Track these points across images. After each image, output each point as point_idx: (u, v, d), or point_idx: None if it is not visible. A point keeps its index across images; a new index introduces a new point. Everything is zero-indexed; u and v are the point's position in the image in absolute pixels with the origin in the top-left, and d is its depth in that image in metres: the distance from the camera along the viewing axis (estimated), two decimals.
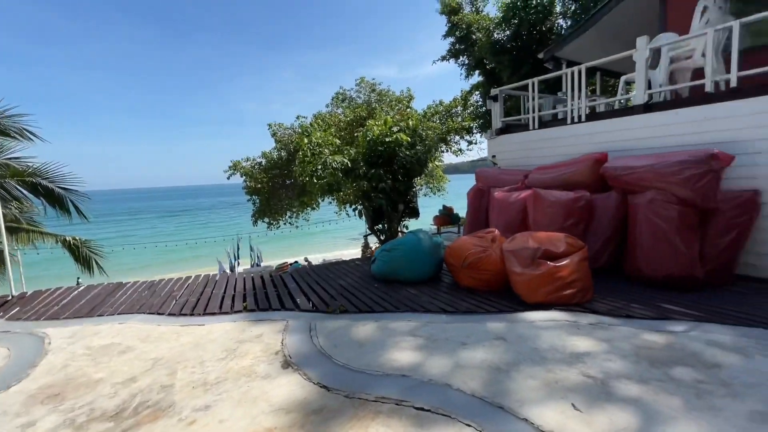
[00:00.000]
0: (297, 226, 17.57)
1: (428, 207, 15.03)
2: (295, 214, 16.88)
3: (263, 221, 16.61)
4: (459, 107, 15.33)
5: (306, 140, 8.34)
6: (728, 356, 2.73)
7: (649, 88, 5.51)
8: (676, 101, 5.09)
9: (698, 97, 4.84)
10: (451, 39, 14.73)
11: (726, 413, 2.13)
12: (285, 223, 17.10)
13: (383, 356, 2.97)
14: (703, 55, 4.97)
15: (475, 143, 15.45)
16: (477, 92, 15.17)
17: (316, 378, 2.69)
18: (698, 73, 5.32)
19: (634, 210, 4.62)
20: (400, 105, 15.52)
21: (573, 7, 12.76)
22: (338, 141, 9.10)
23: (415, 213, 8.70)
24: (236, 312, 4.19)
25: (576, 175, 5.37)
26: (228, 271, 15.04)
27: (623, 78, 6.16)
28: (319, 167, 7.84)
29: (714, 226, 4.28)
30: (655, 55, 5.51)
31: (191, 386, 2.67)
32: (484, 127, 14.27)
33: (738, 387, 2.36)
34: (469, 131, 14.96)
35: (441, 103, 15.50)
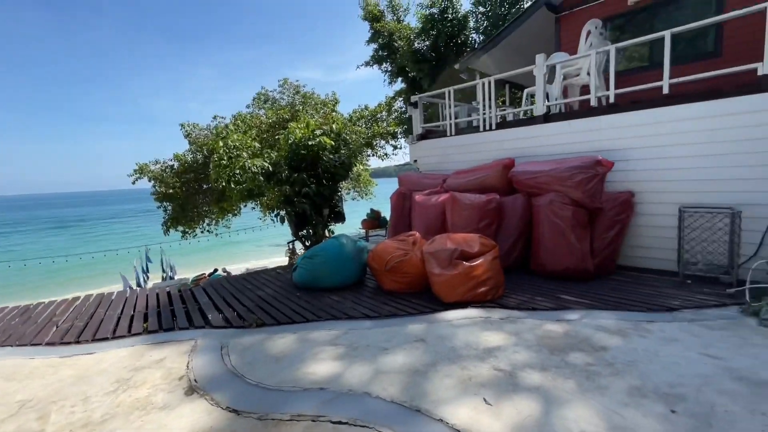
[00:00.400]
0: (217, 234, 16.37)
1: (357, 211, 15.05)
2: (214, 221, 15.70)
3: (176, 230, 15.17)
4: (384, 113, 15.64)
5: (221, 143, 7.79)
6: (612, 338, 3.08)
7: (548, 100, 6.12)
8: (568, 113, 5.72)
9: (585, 110, 5.50)
10: (374, 45, 14.99)
11: (610, 391, 2.38)
12: (202, 232, 15.82)
13: (301, 370, 2.84)
14: (588, 73, 5.66)
15: (400, 148, 15.86)
16: (400, 98, 15.61)
17: (225, 402, 2.46)
18: (585, 89, 6.05)
19: (537, 211, 5.06)
20: (326, 108, 15.33)
21: (485, 24, 13.81)
22: (258, 144, 8.65)
23: (340, 217, 8.61)
24: (135, 335, 3.71)
25: (488, 179, 5.75)
26: (135, 287, 13.44)
27: (526, 91, 6.79)
28: (237, 171, 7.37)
29: (600, 223, 4.87)
30: (552, 71, 6.14)
31: (68, 430, 2.27)
32: (408, 132, 14.72)
33: (620, 366, 2.67)
34: (394, 136, 15.33)
35: (366, 107, 15.66)
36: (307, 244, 8.33)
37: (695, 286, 4.24)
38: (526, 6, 12.14)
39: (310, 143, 7.32)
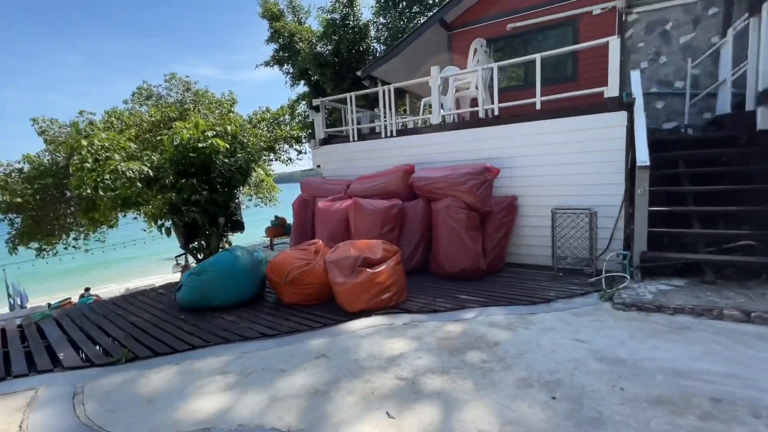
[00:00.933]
0: (87, 250, 13.81)
1: (260, 218, 14.12)
2: (82, 235, 13.21)
3: (29, 247, 12.39)
4: (287, 116, 15.03)
5: (85, 142, 6.54)
6: (503, 333, 3.30)
7: (443, 110, 6.48)
8: (460, 123, 6.12)
9: (474, 121, 5.95)
10: (274, 45, 14.33)
11: (502, 386, 2.51)
12: (66, 248, 13.20)
13: (181, 409, 2.42)
14: (477, 87, 6.14)
15: (305, 153, 15.42)
16: (304, 101, 15.20)
17: None
18: (475, 101, 6.56)
19: (435, 215, 5.28)
20: (221, 109, 14.13)
21: (386, 34, 14.24)
22: (135, 145, 7.49)
23: (239, 226, 7.93)
24: None
25: (390, 185, 5.83)
26: None
27: (424, 100, 7.11)
28: (107, 177, 6.25)
29: (490, 225, 5.27)
30: (446, 83, 6.52)
31: None
32: (312, 136, 14.40)
33: (510, 359, 2.85)
34: (298, 140, 14.83)
35: (268, 110, 14.88)
36: (199, 257, 7.48)
37: (566, 278, 4.84)
38: (423, 20, 12.89)
39: (200, 145, 6.59)
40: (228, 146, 7.01)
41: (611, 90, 4.83)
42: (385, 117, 6.69)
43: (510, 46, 8.88)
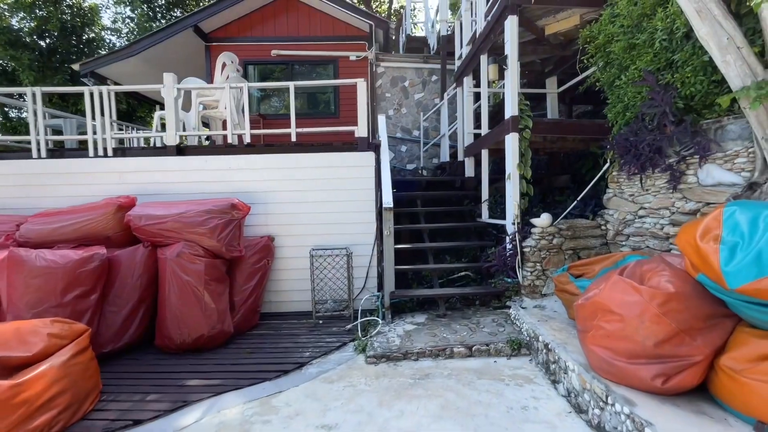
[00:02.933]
0: None
1: None
2: None
3: None
4: None
5: None
6: None
7: (184, 129, 5.15)
8: (206, 148, 4.96)
9: (223, 147, 4.94)
10: None
11: None
12: None
13: None
14: (226, 108, 5.18)
15: None
16: None
17: None
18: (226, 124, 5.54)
19: (162, 266, 3.89)
20: None
21: (131, 26, 11.38)
22: None
23: None
24: None
25: (93, 225, 4.02)
26: None
27: (157, 114, 5.56)
28: None
29: (240, 273, 4.31)
30: (189, 97, 5.23)
31: None
32: None
33: None
34: None
35: None
36: None
37: (326, 326, 4.38)
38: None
39: None
40: None
41: (360, 130, 4.84)
42: (95, 130, 4.75)
43: (275, 72, 8.43)
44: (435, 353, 3.43)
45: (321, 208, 4.85)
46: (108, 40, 10.38)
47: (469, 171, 6.03)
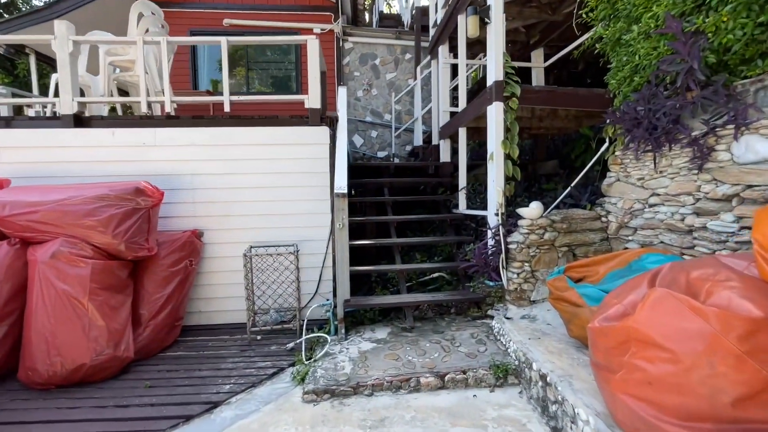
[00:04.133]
0: None
1: None
2: None
3: None
4: None
5: None
6: None
7: (88, 95, 4.04)
8: (114, 119, 3.87)
9: (136, 117, 3.87)
10: None
11: None
12: None
13: None
14: (147, 71, 4.10)
15: None
16: None
17: None
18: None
19: (32, 271, 2.84)
20: None
21: None
22: None
23: None
24: None
25: None
26: None
27: (54, 77, 4.40)
28: None
29: (150, 278, 3.30)
30: (97, 57, 4.12)
31: None
32: None
33: None
34: None
35: None
36: None
37: (264, 343, 3.43)
38: None
39: None
40: None
41: (312, 100, 3.88)
42: None
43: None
44: (396, 385, 2.55)
45: (263, 195, 3.88)
46: (25, 3, 8.90)
47: (445, 155, 5.17)
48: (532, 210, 3.34)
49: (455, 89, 7.31)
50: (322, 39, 7.37)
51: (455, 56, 5.07)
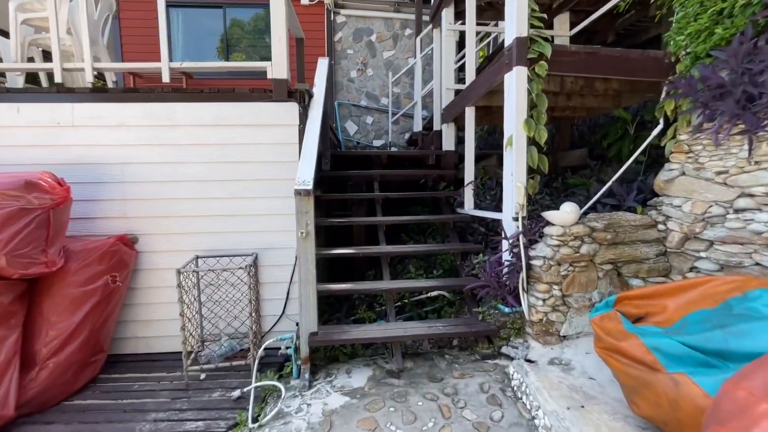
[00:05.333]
0: None
1: None
2: None
3: None
4: None
5: None
6: None
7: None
8: (20, 91, 2.98)
9: (52, 89, 2.97)
10: None
11: None
12: None
13: None
14: (70, 33, 3.20)
15: None
16: None
17: None
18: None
19: None
20: None
21: None
22: None
23: None
24: None
25: None
26: None
27: None
28: None
29: (54, 300, 2.45)
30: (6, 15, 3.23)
31: None
32: None
33: None
34: None
35: None
36: None
37: (206, 386, 2.58)
38: None
39: None
40: None
41: (277, 68, 2.96)
42: None
43: (201, 19, 6.39)
44: None
45: (213, 191, 3.00)
46: None
47: (448, 143, 4.25)
48: (565, 214, 2.43)
49: (461, 69, 6.35)
50: (311, 11, 6.42)
51: (463, 23, 4.11)
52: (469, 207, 3.60)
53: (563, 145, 4.34)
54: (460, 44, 4.87)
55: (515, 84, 2.50)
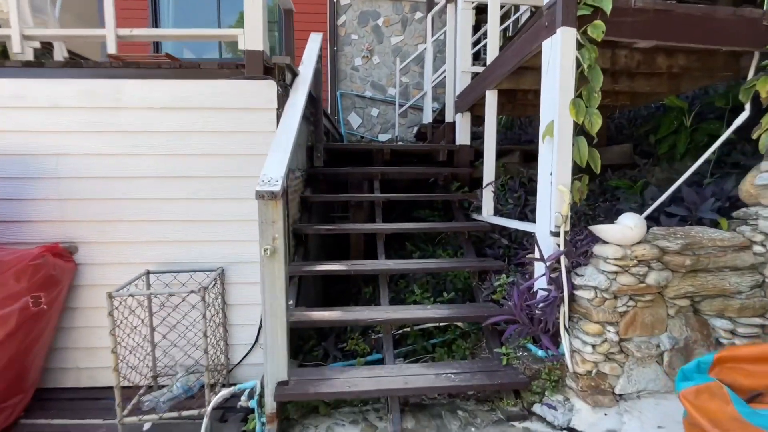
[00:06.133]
0: None
1: None
2: None
3: None
4: None
5: None
6: None
7: None
8: None
9: None
10: None
11: None
12: None
13: None
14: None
15: None
16: None
17: None
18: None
19: None
20: None
21: None
22: None
23: None
24: None
25: None
26: None
27: None
28: None
29: None
30: None
31: None
32: None
33: None
34: None
35: None
36: None
37: None
38: None
39: None
40: None
41: (250, 38, 2.33)
42: None
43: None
44: None
45: (171, 190, 2.40)
46: None
47: (462, 136, 3.58)
48: (627, 230, 1.76)
49: (476, 57, 5.65)
50: None
51: None
52: (488, 213, 2.94)
53: (601, 139, 3.63)
54: (476, 28, 4.22)
55: (559, 52, 1.82)
